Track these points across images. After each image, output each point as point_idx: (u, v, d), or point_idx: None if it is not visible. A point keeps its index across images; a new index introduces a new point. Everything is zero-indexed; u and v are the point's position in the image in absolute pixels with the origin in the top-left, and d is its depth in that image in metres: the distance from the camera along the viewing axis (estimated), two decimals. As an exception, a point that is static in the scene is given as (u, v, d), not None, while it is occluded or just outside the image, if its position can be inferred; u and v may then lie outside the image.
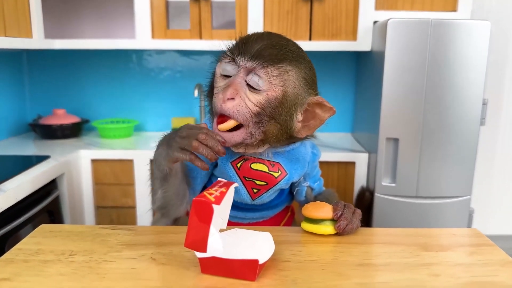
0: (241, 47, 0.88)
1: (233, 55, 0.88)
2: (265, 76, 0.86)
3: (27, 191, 1.42)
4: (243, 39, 0.90)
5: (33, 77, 2.32)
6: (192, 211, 0.75)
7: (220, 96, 0.87)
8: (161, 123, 2.35)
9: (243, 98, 0.86)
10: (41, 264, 0.80)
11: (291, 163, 1.03)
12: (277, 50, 0.87)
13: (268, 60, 0.85)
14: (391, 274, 0.79)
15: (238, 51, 0.88)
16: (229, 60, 0.89)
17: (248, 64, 0.86)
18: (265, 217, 1.10)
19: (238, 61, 0.87)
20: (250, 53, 0.86)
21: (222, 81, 0.91)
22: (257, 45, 0.87)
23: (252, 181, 1.00)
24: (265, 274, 0.77)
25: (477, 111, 1.63)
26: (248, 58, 0.86)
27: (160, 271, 0.78)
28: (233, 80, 0.87)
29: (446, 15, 1.83)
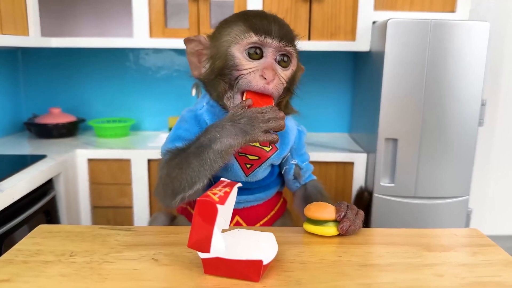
0: (264, 28, 0.91)
1: (260, 35, 0.91)
2: (293, 52, 0.95)
3: (24, 191, 1.40)
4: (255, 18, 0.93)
5: (29, 75, 2.29)
6: (196, 211, 0.74)
7: (259, 78, 0.91)
8: (158, 122, 2.34)
9: (279, 76, 0.93)
10: (41, 265, 0.79)
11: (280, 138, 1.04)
12: (288, 28, 0.96)
13: (290, 38, 0.94)
14: (395, 275, 0.79)
15: (264, 32, 0.91)
16: (257, 41, 0.92)
17: (278, 44, 0.92)
18: (258, 200, 1.10)
19: (269, 42, 0.92)
20: (276, 32, 0.91)
21: (249, 62, 0.93)
22: (275, 25, 0.92)
23: (245, 156, 1.02)
24: (269, 274, 0.77)
25: (476, 111, 1.64)
26: (277, 38, 0.91)
27: (162, 271, 0.77)
28: (268, 61, 0.92)
29: (444, 16, 1.84)
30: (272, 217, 1.14)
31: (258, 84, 0.91)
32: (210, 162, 0.87)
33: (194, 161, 0.89)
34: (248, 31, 0.91)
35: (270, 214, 1.13)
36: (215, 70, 0.96)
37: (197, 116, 1.03)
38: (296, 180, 1.13)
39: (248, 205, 1.09)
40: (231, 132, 0.86)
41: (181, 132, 1.01)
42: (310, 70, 1.06)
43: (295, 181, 1.13)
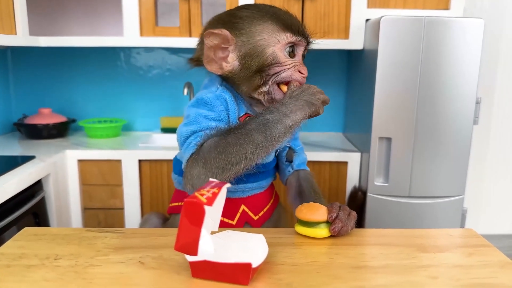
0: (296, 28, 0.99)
1: (297, 36, 0.99)
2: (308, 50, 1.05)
3: (11, 192, 1.38)
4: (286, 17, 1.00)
5: (18, 75, 2.26)
6: (183, 213, 0.72)
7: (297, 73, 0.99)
8: (149, 123, 2.31)
9: None
10: (24, 269, 0.76)
11: None
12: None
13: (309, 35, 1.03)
14: (389, 277, 0.77)
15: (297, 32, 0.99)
16: (295, 41, 0.99)
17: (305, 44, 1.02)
18: (261, 188, 1.11)
19: (302, 42, 1.01)
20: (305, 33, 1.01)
21: (289, 59, 1.00)
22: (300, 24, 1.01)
23: None
24: (259, 277, 0.75)
25: (470, 110, 1.63)
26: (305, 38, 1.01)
27: (149, 275, 0.75)
28: (301, 59, 1.03)
29: (438, 13, 1.82)
30: (272, 205, 1.15)
31: (298, 78, 0.99)
32: (278, 137, 0.89)
33: (259, 137, 0.88)
34: (286, 30, 0.98)
35: (270, 202, 1.14)
36: (252, 68, 0.97)
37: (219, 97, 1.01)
38: (289, 163, 1.15)
39: (252, 193, 1.10)
40: (298, 107, 0.91)
41: (206, 113, 0.98)
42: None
43: (288, 164, 1.15)
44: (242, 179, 1.05)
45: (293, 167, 1.15)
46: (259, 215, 1.11)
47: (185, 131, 0.96)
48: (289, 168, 1.15)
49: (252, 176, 1.07)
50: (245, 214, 1.09)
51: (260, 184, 1.10)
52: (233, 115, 1.01)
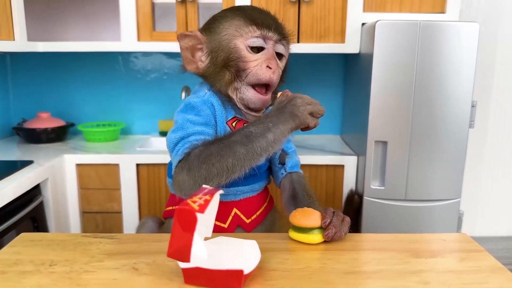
0: (264, 21, 0.98)
1: (262, 30, 0.98)
2: (287, 44, 1.02)
3: (10, 197, 1.39)
4: (253, 12, 1.00)
5: (17, 79, 2.27)
6: (175, 220, 0.73)
7: (266, 69, 0.97)
8: (147, 126, 2.32)
9: (279, 66, 1.00)
10: (19, 275, 0.77)
11: None
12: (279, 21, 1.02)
13: (284, 30, 1.01)
14: (380, 282, 0.77)
15: (264, 26, 0.98)
16: (259, 35, 0.98)
17: (276, 37, 0.99)
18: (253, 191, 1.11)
19: (270, 36, 0.98)
20: (273, 26, 0.98)
21: (252, 54, 0.99)
22: (272, 17, 1.00)
23: None
24: (251, 283, 0.75)
25: (466, 113, 1.63)
26: (274, 31, 0.98)
27: (142, 281, 0.76)
28: (271, 52, 0.98)
29: (434, 17, 1.83)
30: (265, 209, 1.15)
31: (265, 75, 0.98)
32: (260, 150, 0.89)
33: (241, 149, 0.89)
34: (251, 24, 0.98)
35: (263, 206, 1.15)
36: (218, 63, 1.00)
37: (206, 101, 1.04)
38: (281, 166, 1.15)
39: (244, 197, 1.11)
40: (281, 120, 0.89)
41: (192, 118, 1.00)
42: (301, 71, 1.10)
43: (281, 167, 1.15)
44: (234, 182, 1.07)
45: (286, 169, 1.15)
46: (252, 218, 1.11)
47: (173, 138, 0.98)
48: (282, 170, 1.15)
49: (244, 179, 1.05)
50: (237, 217, 1.10)
51: (252, 187, 1.11)
52: (220, 119, 1.03)
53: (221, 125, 1.03)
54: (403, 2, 1.83)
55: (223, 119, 1.04)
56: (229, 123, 1.04)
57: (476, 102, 1.65)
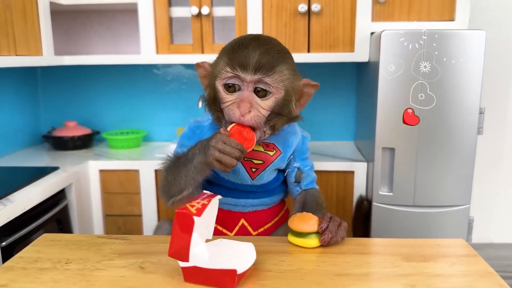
0: (240, 61, 0.95)
1: (236, 70, 0.96)
2: (271, 82, 0.97)
3: (36, 200, 1.49)
4: (236, 50, 0.97)
5: (47, 91, 2.41)
6: (175, 222, 0.79)
7: (236, 110, 0.96)
8: (167, 134, 2.41)
9: (257, 108, 0.97)
10: (37, 272, 0.85)
11: (284, 141, 1.13)
12: (271, 55, 0.97)
13: (269, 68, 0.95)
14: (368, 284, 0.81)
15: (240, 66, 0.96)
16: (233, 75, 0.97)
17: (252, 78, 0.96)
18: (263, 205, 1.15)
19: (243, 77, 0.96)
20: (252, 66, 0.95)
21: (228, 95, 0.99)
22: (254, 56, 0.95)
23: (250, 160, 1.09)
24: (245, 283, 0.81)
25: (474, 120, 1.63)
26: (252, 72, 0.95)
27: (146, 279, 0.82)
28: (243, 95, 0.97)
29: (443, 25, 1.83)
30: (276, 223, 1.18)
31: (235, 116, 0.97)
32: (192, 173, 0.98)
33: (183, 170, 0.99)
34: (226, 66, 0.98)
35: (273, 220, 1.18)
36: (209, 100, 1.05)
37: (200, 128, 1.13)
38: (297, 183, 1.18)
39: (253, 209, 1.14)
40: (202, 151, 0.95)
41: (185, 140, 1.13)
42: (315, 79, 1.10)
43: (296, 185, 1.18)
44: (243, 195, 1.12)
45: (301, 187, 1.18)
46: (259, 231, 1.15)
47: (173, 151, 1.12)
48: (297, 188, 1.18)
49: (252, 193, 1.12)
50: (244, 228, 1.14)
51: (262, 201, 1.14)
52: None
53: None
54: (411, 11, 1.85)
55: None
56: None
57: (484, 109, 1.65)
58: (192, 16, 1.94)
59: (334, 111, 2.29)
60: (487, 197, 2.44)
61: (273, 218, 1.18)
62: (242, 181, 1.10)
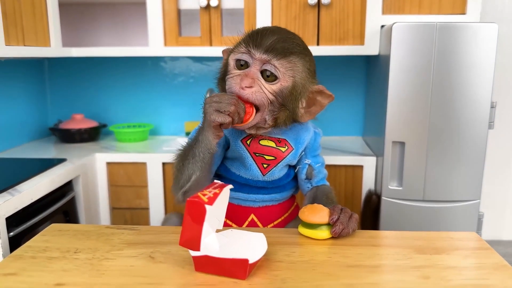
0: (255, 40, 0.97)
1: (249, 47, 0.97)
2: (280, 67, 0.96)
3: (44, 191, 1.49)
4: (256, 32, 0.99)
5: (54, 83, 2.41)
6: (186, 211, 0.78)
7: (238, 81, 0.96)
8: (174, 127, 2.40)
9: (260, 85, 0.96)
10: (46, 261, 0.85)
11: (296, 137, 1.12)
12: (288, 44, 0.97)
13: (281, 53, 0.95)
14: (380, 276, 0.80)
15: (254, 44, 0.97)
16: (245, 51, 0.98)
17: (263, 57, 0.96)
18: (274, 201, 1.15)
19: (253, 53, 0.97)
20: (265, 46, 0.96)
21: (236, 69, 1.00)
22: (270, 39, 0.96)
23: (262, 156, 1.08)
24: (256, 273, 0.80)
25: (485, 114, 1.61)
26: (263, 51, 0.96)
27: (156, 268, 0.82)
28: (250, 70, 0.97)
29: (454, 18, 1.81)
30: (285, 219, 1.18)
31: (235, 87, 0.96)
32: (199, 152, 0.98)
33: (190, 153, 1.00)
34: (242, 42, 0.99)
35: (283, 216, 1.17)
36: (220, 78, 1.06)
37: None
38: (308, 180, 1.17)
39: (263, 205, 1.14)
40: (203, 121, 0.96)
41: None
42: (323, 73, 1.09)
43: (307, 181, 1.17)
44: (253, 190, 1.12)
45: (312, 184, 1.18)
46: (268, 226, 1.15)
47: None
48: (308, 184, 1.18)
49: (262, 189, 1.12)
50: (253, 223, 1.14)
51: (272, 197, 1.14)
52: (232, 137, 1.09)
53: (234, 143, 1.08)
54: (422, 3, 1.82)
55: (236, 137, 1.08)
56: (243, 140, 1.08)
57: (496, 103, 1.63)
58: (201, 8, 1.93)
59: (343, 106, 2.28)
60: (498, 194, 2.42)
61: (283, 214, 1.17)
62: (253, 176, 1.10)
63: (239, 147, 1.07)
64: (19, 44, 1.65)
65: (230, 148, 1.09)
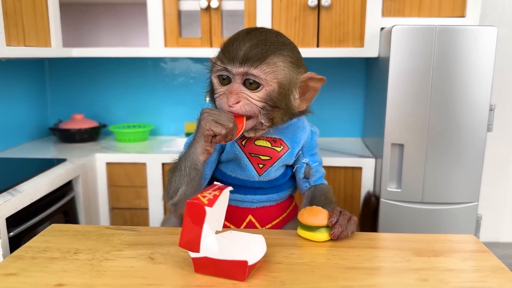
0: (229, 54, 0.97)
1: (224, 63, 0.97)
2: (259, 74, 0.95)
3: (43, 192, 1.49)
4: (228, 44, 0.99)
5: (54, 83, 2.41)
6: (186, 213, 0.78)
7: (224, 101, 0.97)
8: (174, 128, 2.41)
9: (246, 98, 0.96)
10: (47, 261, 0.85)
11: (292, 137, 1.12)
12: (261, 48, 0.96)
13: (256, 60, 0.95)
14: (379, 278, 0.81)
15: (228, 59, 0.97)
16: (222, 69, 0.98)
17: (239, 70, 0.96)
18: (271, 201, 1.15)
19: (230, 69, 0.97)
20: (239, 58, 0.95)
21: (221, 86, 1.00)
22: (242, 49, 0.95)
23: (257, 156, 1.08)
24: (256, 274, 0.80)
25: (484, 117, 1.62)
26: (238, 64, 0.95)
27: (156, 269, 0.82)
28: (232, 86, 0.97)
29: (454, 21, 1.82)
30: (284, 219, 1.18)
31: (223, 106, 0.97)
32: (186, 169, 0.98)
33: (177, 169, 1.00)
34: (218, 59, 1.00)
35: (281, 216, 1.18)
36: (210, 93, 1.07)
37: None
38: (306, 179, 1.17)
39: (261, 205, 1.14)
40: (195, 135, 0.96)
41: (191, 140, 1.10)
42: (324, 75, 1.08)
43: (305, 181, 1.17)
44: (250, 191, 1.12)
45: (310, 183, 1.18)
46: (266, 227, 1.15)
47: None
48: (306, 183, 1.18)
49: (259, 189, 1.12)
50: (251, 224, 1.14)
51: (270, 197, 1.14)
52: None
53: (229, 144, 1.09)
54: (422, 6, 1.83)
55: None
56: (239, 141, 1.09)
57: (495, 106, 1.64)
58: (201, 10, 1.94)
59: (342, 107, 2.29)
60: (496, 196, 2.43)
61: (281, 214, 1.18)
62: (249, 177, 1.10)
63: (234, 148, 1.08)
64: (19, 45, 1.65)
65: (225, 150, 1.09)
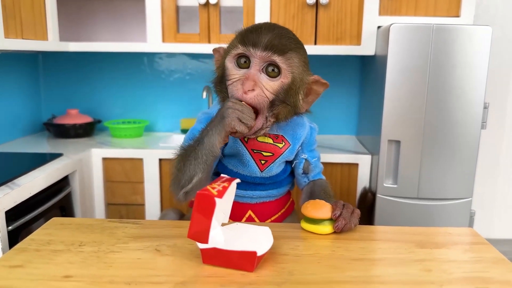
0: (252, 39, 0.96)
1: (246, 47, 0.96)
2: (282, 63, 0.95)
3: (40, 186, 1.48)
4: (250, 30, 0.98)
5: (49, 78, 2.39)
6: (195, 204, 0.79)
7: (239, 87, 0.96)
8: (170, 124, 2.40)
9: (261, 87, 0.96)
10: (51, 253, 0.85)
11: (293, 133, 1.13)
12: (284, 40, 0.97)
13: (280, 49, 0.95)
14: (385, 268, 0.82)
15: (251, 43, 0.96)
16: (243, 50, 0.97)
17: (262, 55, 0.95)
18: (271, 197, 1.16)
19: (252, 53, 0.96)
20: (263, 43, 0.95)
21: (236, 71, 0.99)
22: (266, 36, 0.95)
23: (260, 152, 1.09)
24: (263, 265, 0.81)
25: (478, 114, 1.65)
26: (262, 49, 0.95)
27: (164, 261, 0.82)
28: (250, 72, 0.96)
29: (449, 21, 1.85)
30: (282, 215, 1.20)
31: (238, 93, 0.96)
32: (202, 154, 0.98)
33: (192, 154, 0.99)
34: (237, 43, 0.98)
35: (280, 211, 1.19)
36: (216, 79, 1.05)
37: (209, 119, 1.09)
38: (305, 175, 1.19)
39: (260, 201, 1.15)
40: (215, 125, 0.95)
41: (195, 133, 1.08)
42: (318, 72, 1.09)
43: (304, 176, 1.19)
44: (250, 187, 1.13)
45: (309, 178, 1.20)
46: (266, 222, 1.16)
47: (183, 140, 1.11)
48: (305, 179, 1.20)
49: (260, 185, 1.14)
50: (251, 219, 1.15)
51: (269, 193, 1.15)
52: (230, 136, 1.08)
53: (232, 141, 1.09)
54: (418, 6, 1.86)
55: None
56: (241, 138, 1.08)
57: (489, 104, 1.67)
58: (200, 5, 1.94)
59: (337, 105, 2.31)
60: (489, 193, 2.47)
61: (280, 209, 1.19)
62: (251, 173, 1.11)
63: (237, 144, 1.09)
64: (17, 37, 1.64)
65: (228, 145, 1.10)
